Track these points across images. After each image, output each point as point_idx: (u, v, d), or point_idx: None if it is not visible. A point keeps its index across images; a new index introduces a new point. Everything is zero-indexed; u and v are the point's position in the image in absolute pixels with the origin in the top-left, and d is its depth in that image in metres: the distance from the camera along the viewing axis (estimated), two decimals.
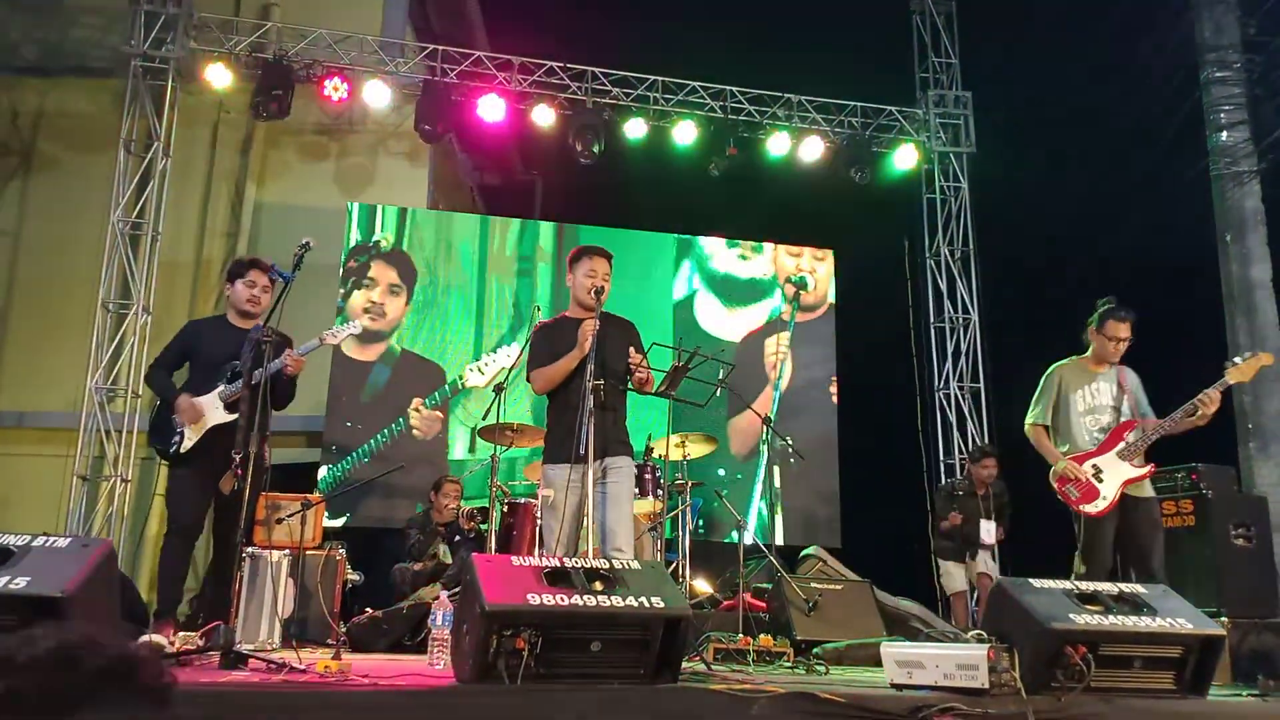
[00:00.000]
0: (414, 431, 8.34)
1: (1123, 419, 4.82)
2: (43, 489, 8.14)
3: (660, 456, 6.47)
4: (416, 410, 8.41)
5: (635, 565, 3.20)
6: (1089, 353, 5.00)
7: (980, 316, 9.44)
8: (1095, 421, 4.87)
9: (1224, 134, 8.54)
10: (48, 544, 3.08)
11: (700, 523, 7.84)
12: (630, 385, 4.52)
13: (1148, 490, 4.85)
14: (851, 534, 8.91)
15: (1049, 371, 5.04)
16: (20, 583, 2.84)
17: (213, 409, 4.66)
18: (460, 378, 8.50)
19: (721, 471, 8.55)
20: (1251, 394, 8.00)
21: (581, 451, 4.08)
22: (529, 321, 5.52)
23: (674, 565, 6.16)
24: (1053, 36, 10.29)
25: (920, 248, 9.80)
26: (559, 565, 3.05)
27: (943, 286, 9.60)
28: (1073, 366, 5.01)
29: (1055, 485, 4.86)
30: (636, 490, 5.91)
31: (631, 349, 4.48)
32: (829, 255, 9.60)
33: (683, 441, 6.46)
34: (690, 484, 6.56)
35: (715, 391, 6.39)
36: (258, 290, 4.85)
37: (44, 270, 8.87)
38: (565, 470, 4.27)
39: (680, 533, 6.31)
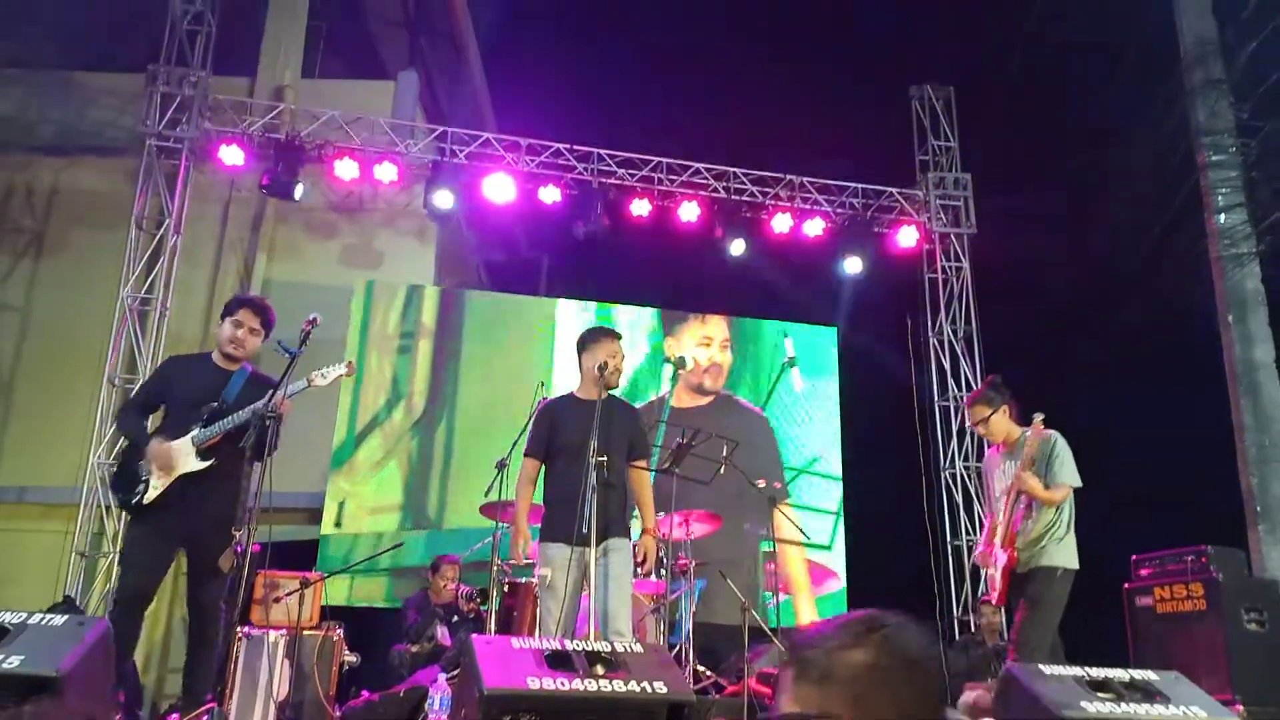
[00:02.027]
0: None
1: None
2: (41, 565, 8.06)
3: (663, 536, 6.40)
4: None
5: (637, 648, 3.15)
6: None
7: None
8: (1002, 505, 4.76)
9: (1222, 216, 8.62)
10: (44, 622, 3.05)
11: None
12: (633, 463, 4.53)
13: (1034, 560, 4.58)
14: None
15: None
16: (14, 661, 2.81)
17: (185, 455, 4.25)
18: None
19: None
20: (1258, 475, 7.94)
21: (585, 530, 4.05)
22: (533, 398, 5.53)
23: (677, 648, 6.06)
24: (1050, 120, 10.50)
25: (923, 326, 9.84)
26: (560, 648, 3.00)
27: (946, 365, 9.61)
28: (991, 453, 4.95)
29: None
30: (637, 570, 5.84)
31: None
32: (722, 332, 9.42)
33: (686, 520, 6.40)
34: (694, 564, 6.48)
35: (719, 469, 6.36)
36: (243, 332, 4.46)
37: (51, 345, 8.92)
38: (564, 549, 4.23)
39: (683, 615, 6.21)
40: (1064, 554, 4.58)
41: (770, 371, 9.37)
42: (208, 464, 4.24)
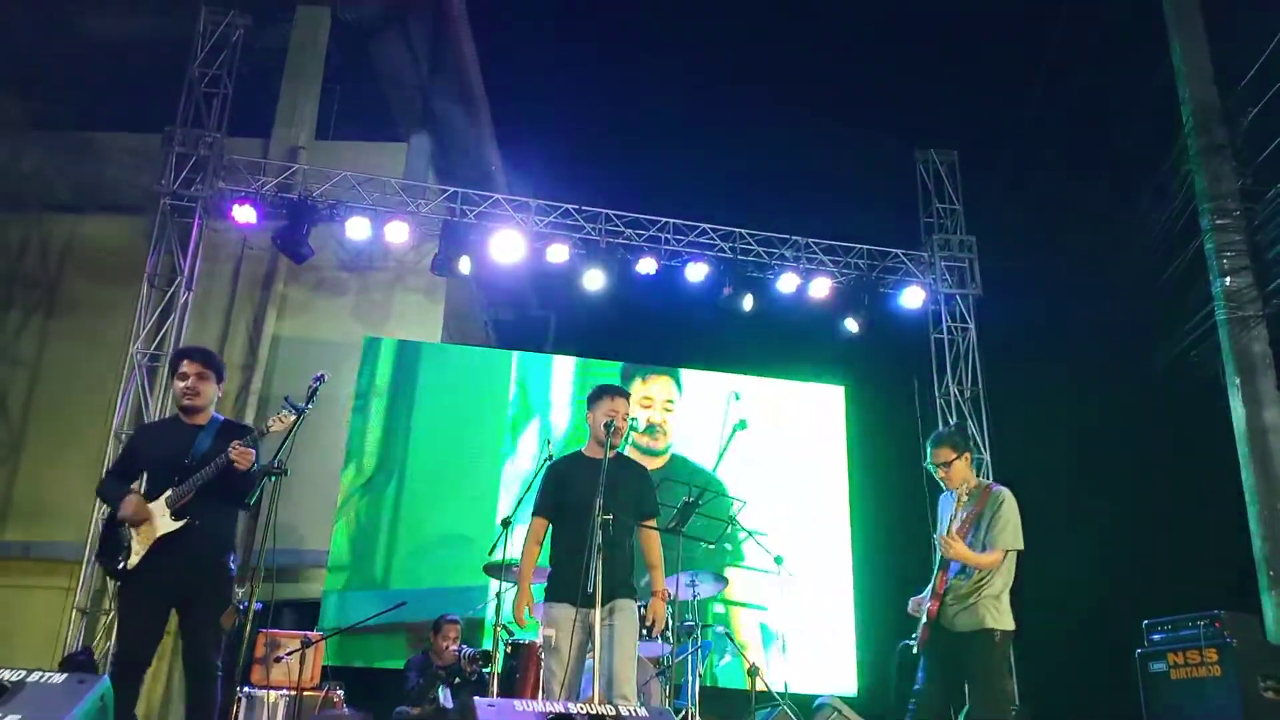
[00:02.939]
0: None
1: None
2: (43, 622, 8.01)
3: (670, 597, 6.33)
4: None
5: (642, 712, 3.11)
6: None
7: (992, 457, 9.38)
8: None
9: (1228, 279, 8.64)
10: (43, 679, 3.03)
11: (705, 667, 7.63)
12: (640, 523, 4.50)
13: (967, 621, 4.46)
14: (867, 680, 8.65)
15: None
16: None
17: (160, 516, 4.17)
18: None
19: None
20: (1270, 540, 7.85)
21: (589, 590, 4.01)
22: (541, 456, 5.55)
23: (683, 712, 5.97)
24: (1054, 184, 10.60)
25: (930, 387, 9.83)
26: (563, 711, 2.97)
27: (953, 426, 9.57)
28: (944, 496, 4.87)
29: None
30: (644, 632, 5.78)
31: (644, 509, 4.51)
32: (665, 393, 9.32)
33: (692, 581, 6.34)
34: (700, 626, 6.40)
35: (725, 529, 6.33)
36: (191, 381, 4.37)
37: (61, 400, 8.97)
38: (568, 610, 4.19)
39: (689, 677, 6.13)
40: (1000, 615, 4.45)
41: (722, 432, 9.23)
42: (182, 523, 4.15)
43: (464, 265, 8.83)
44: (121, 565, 4.16)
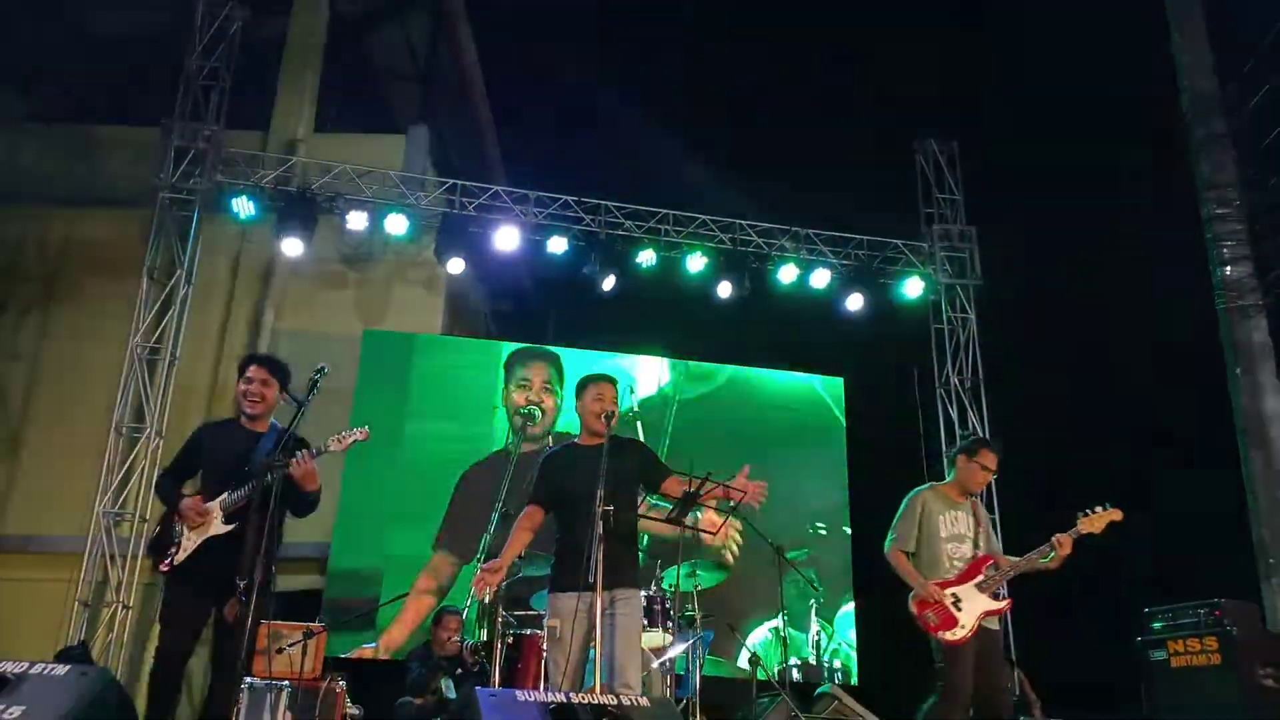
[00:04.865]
0: None
1: (979, 552, 4.87)
2: (44, 614, 8.01)
3: (670, 586, 6.35)
4: None
5: (644, 702, 3.12)
6: (951, 480, 5.09)
7: None
8: (956, 549, 4.89)
9: (1228, 268, 8.64)
10: (45, 671, 3.04)
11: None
12: (663, 486, 4.49)
13: (995, 623, 4.84)
14: (868, 670, 8.67)
15: (911, 495, 5.10)
16: (15, 712, 2.79)
17: (213, 517, 4.26)
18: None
19: None
20: (1269, 528, 7.86)
21: (590, 580, 4.01)
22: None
23: (684, 702, 5.98)
24: (1055, 175, 10.58)
25: (930, 377, 9.83)
26: (565, 701, 2.97)
27: (954, 416, 9.58)
28: (936, 493, 5.05)
29: (914, 609, 4.82)
30: (645, 621, 5.79)
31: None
32: (545, 372, 9.22)
33: (693, 571, 6.36)
34: (701, 615, 6.42)
35: (726, 517, 6.33)
36: (255, 386, 4.44)
37: (61, 394, 8.96)
38: (572, 599, 4.19)
39: (691, 667, 6.14)
40: None
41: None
42: (231, 526, 4.22)
43: (454, 266, 8.84)
44: (170, 561, 4.25)
